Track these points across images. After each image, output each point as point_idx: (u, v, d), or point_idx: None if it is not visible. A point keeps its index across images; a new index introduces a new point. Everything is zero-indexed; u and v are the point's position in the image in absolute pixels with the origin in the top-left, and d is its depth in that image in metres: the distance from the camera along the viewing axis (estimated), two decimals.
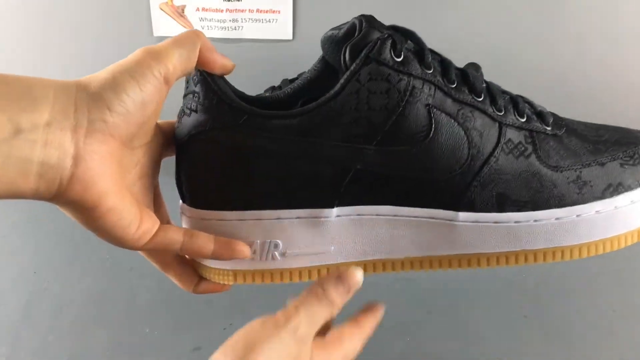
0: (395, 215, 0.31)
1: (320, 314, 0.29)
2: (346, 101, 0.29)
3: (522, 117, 0.32)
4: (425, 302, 0.49)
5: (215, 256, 0.30)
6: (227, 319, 0.46)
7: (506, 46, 0.71)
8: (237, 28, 0.69)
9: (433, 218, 0.31)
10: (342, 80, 0.29)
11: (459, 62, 0.58)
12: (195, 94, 0.30)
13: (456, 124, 0.30)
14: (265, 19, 0.68)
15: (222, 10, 0.68)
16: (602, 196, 0.32)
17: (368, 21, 0.30)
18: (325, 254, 0.31)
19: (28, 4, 0.68)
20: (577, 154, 0.32)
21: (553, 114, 0.34)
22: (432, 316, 0.48)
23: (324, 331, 0.31)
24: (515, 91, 0.34)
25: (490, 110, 0.31)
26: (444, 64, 0.31)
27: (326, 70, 0.33)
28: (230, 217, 0.30)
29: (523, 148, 0.31)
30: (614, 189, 0.32)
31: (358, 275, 0.31)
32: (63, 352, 0.43)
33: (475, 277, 0.52)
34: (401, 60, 0.29)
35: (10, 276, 0.50)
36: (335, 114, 0.29)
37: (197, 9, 0.68)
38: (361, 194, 0.30)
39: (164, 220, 0.32)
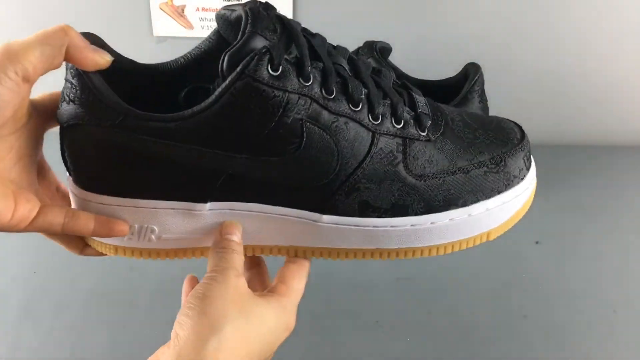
0: (264, 212, 0.33)
1: (235, 262, 0.31)
2: (220, 113, 0.29)
3: (399, 124, 0.33)
4: (425, 302, 0.49)
5: (95, 235, 0.32)
6: None
7: (506, 46, 0.71)
8: None
9: (299, 217, 0.33)
10: (217, 92, 0.29)
11: (459, 62, 0.58)
12: (73, 86, 0.30)
13: (328, 136, 0.31)
14: None
15: None
16: (459, 205, 0.34)
17: (254, 18, 0.30)
18: (198, 239, 0.34)
19: (28, 4, 0.68)
20: (446, 160, 0.34)
21: (435, 113, 0.35)
22: (432, 316, 0.48)
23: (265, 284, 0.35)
24: (515, 91, 0.34)
25: (366, 120, 0.32)
26: (325, 73, 0.31)
27: (220, 43, 0.33)
28: (110, 202, 0.32)
29: (392, 157, 0.32)
30: (473, 198, 0.34)
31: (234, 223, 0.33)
32: (63, 352, 0.43)
33: (475, 277, 0.52)
34: (278, 75, 0.29)
35: (10, 276, 0.50)
36: (209, 123, 0.29)
37: (197, 9, 0.68)
38: (233, 193, 0.32)
39: (51, 188, 0.33)
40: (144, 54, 0.76)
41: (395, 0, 0.67)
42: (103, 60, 0.29)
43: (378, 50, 0.55)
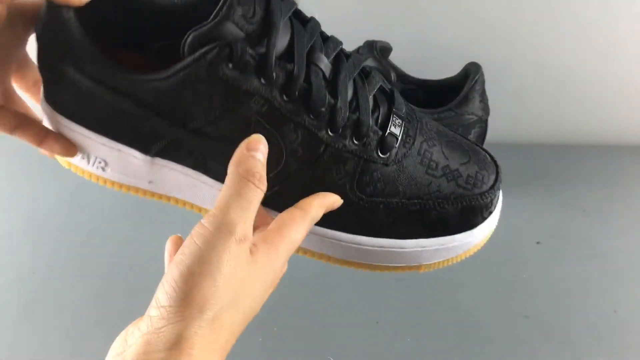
0: (197, 179, 0.34)
1: (253, 198, 0.27)
2: (173, 87, 0.29)
3: (359, 141, 0.31)
4: (425, 302, 0.49)
5: (41, 147, 0.33)
6: None
7: (507, 46, 0.71)
8: None
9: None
10: (176, 67, 0.29)
11: (460, 61, 0.58)
12: (48, 22, 0.30)
13: (278, 135, 0.30)
14: None
15: None
16: (392, 235, 0.33)
17: (232, 2, 0.28)
18: (141, 180, 0.35)
19: None
20: (397, 189, 0.32)
21: (408, 135, 0.33)
22: (432, 316, 0.48)
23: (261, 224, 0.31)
24: (515, 91, 0.34)
25: (323, 131, 0.31)
26: (289, 76, 0.30)
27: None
28: (67, 123, 0.33)
29: (339, 172, 0.32)
30: (411, 232, 0.33)
31: (260, 137, 0.29)
32: (63, 352, 0.43)
33: (475, 278, 0.52)
34: (235, 71, 0.29)
35: (10, 276, 0.50)
36: (162, 93, 0.30)
37: None
38: (175, 156, 0.33)
39: (29, 83, 0.34)
40: None
41: (396, 0, 0.67)
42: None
43: (378, 50, 0.55)
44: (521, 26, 0.70)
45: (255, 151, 0.28)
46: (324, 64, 0.31)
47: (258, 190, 0.27)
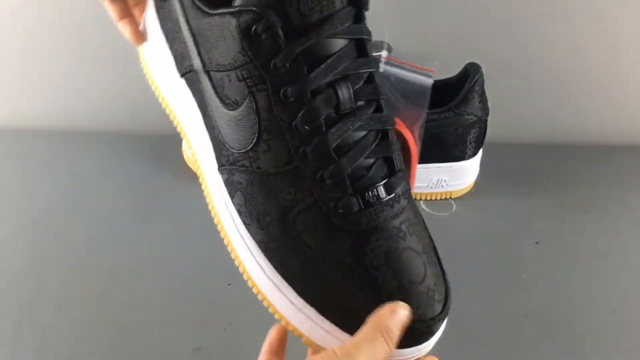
0: (197, 117, 0.35)
1: (381, 352, 0.28)
2: (209, 24, 0.31)
3: (321, 182, 0.30)
4: None
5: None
6: (227, 319, 0.46)
7: (506, 46, 0.71)
8: None
9: (208, 147, 0.35)
10: (220, 10, 0.30)
11: (459, 61, 0.58)
12: None
13: (257, 120, 0.31)
14: None
15: None
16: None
17: None
18: (170, 96, 0.38)
19: (28, 4, 0.68)
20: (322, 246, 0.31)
21: (371, 219, 0.31)
22: None
23: None
24: (515, 91, 0.34)
25: (292, 141, 0.30)
26: (296, 91, 0.30)
27: None
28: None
29: (288, 194, 0.31)
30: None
31: (406, 308, 0.30)
32: (63, 352, 0.43)
33: (475, 277, 0.52)
34: (253, 41, 0.29)
35: (10, 276, 0.50)
36: (202, 26, 0.32)
37: None
38: (190, 83, 0.35)
39: None
40: None
41: (396, 0, 0.67)
42: None
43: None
44: (521, 26, 0.70)
45: (397, 315, 0.29)
46: (343, 96, 0.30)
47: (387, 348, 0.29)
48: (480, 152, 0.63)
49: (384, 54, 0.55)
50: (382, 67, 0.55)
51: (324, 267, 0.30)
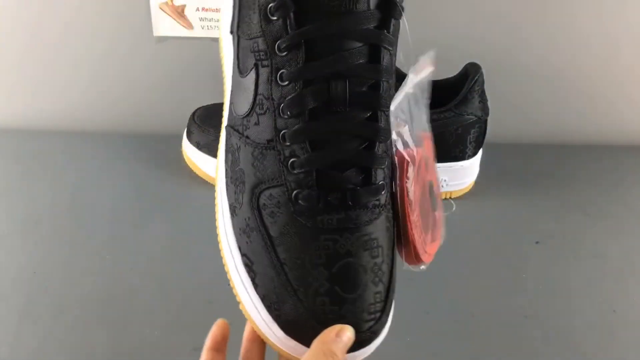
0: (230, 72, 0.38)
1: None
2: None
3: (295, 176, 0.31)
4: (424, 302, 0.49)
5: None
6: (227, 319, 0.46)
7: (506, 46, 0.71)
8: None
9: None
10: None
11: (459, 62, 0.58)
12: None
13: (255, 96, 0.32)
14: None
15: None
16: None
17: None
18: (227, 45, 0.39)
19: (28, 4, 0.68)
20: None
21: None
22: (430, 316, 0.48)
23: None
24: (515, 91, 0.34)
25: (277, 122, 0.31)
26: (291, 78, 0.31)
27: None
28: None
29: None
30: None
31: (352, 331, 0.31)
32: (63, 352, 0.43)
33: (475, 277, 0.52)
34: (268, 20, 0.31)
35: (10, 276, 0.50)
36: None
37: (197, 9, 0.68)
38: (233, 41, 0.37)
39: None
40: (144, 54, 0.77)
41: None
42: None
43: None
44: (521, 26, 0.70)
45: (342, 339, 0.30)
46: (336, 95, 0.30)
47: None
48: (480, 152, 0.63)
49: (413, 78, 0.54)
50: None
51: (274, 251, 0.32)
